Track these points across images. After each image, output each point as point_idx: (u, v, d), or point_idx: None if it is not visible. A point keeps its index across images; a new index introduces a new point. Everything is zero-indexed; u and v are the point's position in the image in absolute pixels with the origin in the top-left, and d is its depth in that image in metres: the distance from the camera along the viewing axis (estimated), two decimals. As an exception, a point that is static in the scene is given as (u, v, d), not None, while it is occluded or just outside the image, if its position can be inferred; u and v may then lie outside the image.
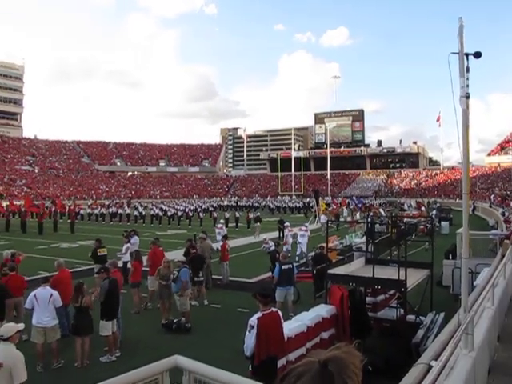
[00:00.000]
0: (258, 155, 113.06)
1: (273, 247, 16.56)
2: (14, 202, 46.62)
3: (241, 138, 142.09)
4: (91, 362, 8.41)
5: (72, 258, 15.31)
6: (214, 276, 14.67)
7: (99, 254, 13.93)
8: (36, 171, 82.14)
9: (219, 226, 23.72)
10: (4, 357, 5.35)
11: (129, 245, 15.30)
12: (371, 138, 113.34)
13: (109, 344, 8.73)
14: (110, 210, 45.16)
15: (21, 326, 6.01)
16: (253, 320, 6.30)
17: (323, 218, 28.29)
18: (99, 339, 8.68)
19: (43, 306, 8.36)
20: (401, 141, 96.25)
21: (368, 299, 9.51)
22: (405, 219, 21.20)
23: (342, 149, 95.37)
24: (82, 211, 44.96)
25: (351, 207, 47.52)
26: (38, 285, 9.08)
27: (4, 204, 45.24)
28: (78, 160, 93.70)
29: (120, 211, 44.16)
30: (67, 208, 42.96)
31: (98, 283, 9.52)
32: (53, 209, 40.29)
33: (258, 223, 29.18)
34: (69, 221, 33.73)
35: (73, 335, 8.60)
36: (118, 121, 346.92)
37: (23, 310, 9.41)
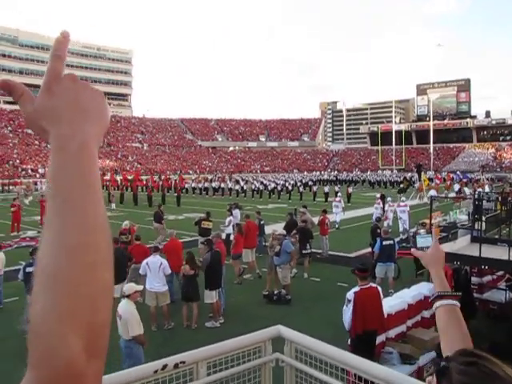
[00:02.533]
0: (358, 129, 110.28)
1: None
2: (127, 177, 50.03)
3: (340, 111, 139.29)
4: (198, 326, 9.00)
5: (178, 230, 16.20)
6: (313, 250, 14.79)
7: (203, 226, 14.46)
8: (145, 148, 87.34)
9: (337, 199, 22.91)
10: (123, 311, 6.22)
11: (231, 218, 15.86)
12: (478, 108, 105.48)
13: (213, 311, 9.26)
14: (213, 184, 46.80)
15: (140, 287, 6.86)
16: (350, 294, 6.35)
17: (433, 192, 27.26)
18: (204, 307, 9.26)
19: (154, 272, 9.09)
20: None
21: (474, 279, 9.08)
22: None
23: (446, 121, 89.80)
24: (186, 185, 47.14)
25: (456, 182, 44.89)
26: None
27: (118, 178, 48.87)
28: (183, 136, 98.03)
29: (222, 185, 45.63)
30: (173, 182, 45.35)
31: (203, 254, 10.10)
32: (160, 183, 42.71)
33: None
34: (175, 194, 35.56)
35: (182, 301, 9.24)
36: (219, 98, 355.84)
37: None
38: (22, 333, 8.47)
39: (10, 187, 52.52)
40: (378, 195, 23.11)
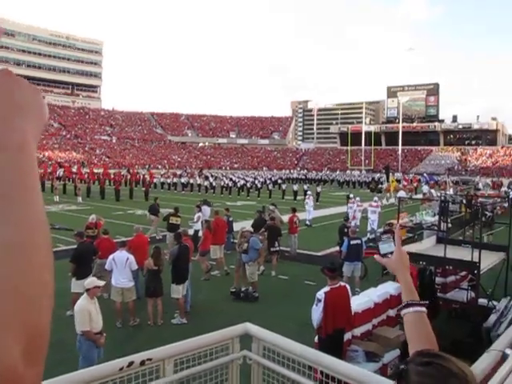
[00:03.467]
0: (328, 128, 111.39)
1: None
2: (94, 170, 49.17)
3: (311, 110, 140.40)
4: (164, 323, 8.91)
5: (146, 225, 16.04)
6: (282, 248, 14.85)
7: (171, 221, 14.48)
8: (114, 141, 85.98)
9: (307, 196, 23.70)
10: (76, 305, 6.28)
11: (200, 214, 15.78)
12: (446, 113, 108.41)
13: (179, 307, 9.18)
14: (182, 179, 46.50)
15: (101, 282, 6.72)
16: (320, 294, 6.38)
17: (402, 194, 27.82)
18: (170, 303, 9.17)
19: (120, 268, 8.96)
20: (478, 117, 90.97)
21: (437, 279, 9.28)
22: (479, 199, 20.24)
23: (414, 124, 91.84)
24: (155, 180, 46.67)
25: (423, 184, 45.94)
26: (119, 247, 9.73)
27: (84, 171, 47.96)
28: (152, 130, 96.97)
29: (191, 181, 45.39)
30: (141, 176, 44.82)
31: (170, 248, 10.03)
32: (128, 177, 42.16)
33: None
34: (143, 189, 35.15)
35: (145, 297, 9.11)
36: (190, 93, 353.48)
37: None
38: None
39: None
40: (352, 195, 23.39)
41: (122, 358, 2.90)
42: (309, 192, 25.45)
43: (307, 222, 21.30)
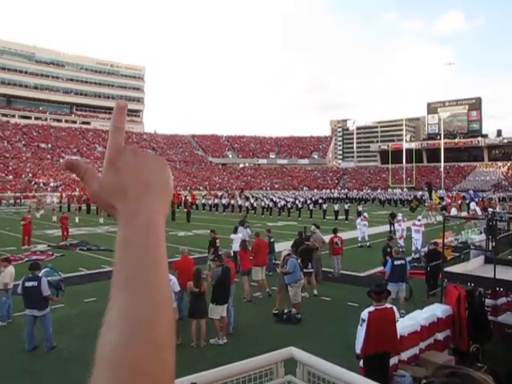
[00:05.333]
0: (369, 147, 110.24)
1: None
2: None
3: (350, 129, 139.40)
4: (207, 345, 8.90)
5: (189, 246, 16.17)
6: (324, 268, 14.67)
7: (217, 244, 14.68)
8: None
9: (363, 217, 22.77)
10: None
11: (233, 235, 15.78)
12: (489, 127, 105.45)
13: (215, 327, 9.14)
14: (223, 200, 46.86)
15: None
16: (364, 314, 6.28)
17: (454, 211, 27.17)
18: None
19: None
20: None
21: (488, 301, 8.91)
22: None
23: (456, 139, 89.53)
24: (197, 201, 47.25)
25: (467, 201, 44.50)
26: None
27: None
28: (193, 153, 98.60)
29: (232, 202, 45.68)
30: (183, 198, 45.50)
31: (211, 269, 10.06)
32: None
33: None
34: (185, 210, 35.63)
35: (189, 318, 9.11)
36: (230, 115, 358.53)
37: None
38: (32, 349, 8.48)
39: (22, 200, 53.03)
40: (400, 215, 22.75)
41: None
42: (365, 213, 24.37)
43: (367, 243, 21.12)
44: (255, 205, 42.42)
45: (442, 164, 77.80)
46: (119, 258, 0.58)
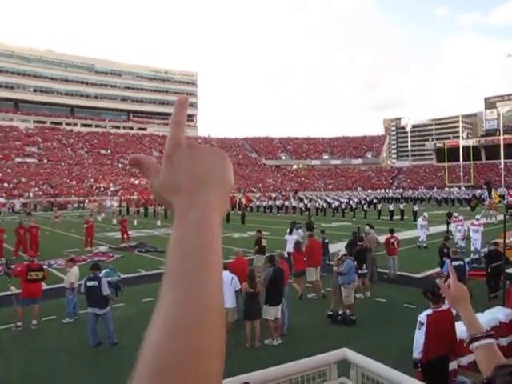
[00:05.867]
0: (423, 145, 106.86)
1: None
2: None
3: (404, 128, 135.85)
4: (261, 345, 8.97)
5: (243, 247, 16.35)
6: (380, 269, 14.42)
7: (263, 243, 14.74)
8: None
9: (424, 217, 21.71)
10: None
11: (294, 236, 15.78)
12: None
13: (270, 329, 9.19)
14: (277, 202, 46.93)
15: None
16: (422, 317, 6.11)
17: None
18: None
19: (227, 288, 9.12)
20: None
21: (555, 305, 8.46)
22: None
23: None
24: (251, 203, 47.59)
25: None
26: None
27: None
28: (247, 155, 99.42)
29: (286, 203, 45.65)
30: (237, 200, 45.97)
31: (264, 270, 10.14)
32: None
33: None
34: (239, 212, 35.97)
35: (244, 319, 9.22)
36: (282, 117, 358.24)
37: None
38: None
39: (85, 204, 55.46)
40: (456, 215, 21.95)
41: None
42: (425, 213, 23.15)
43: (423, 244, 20.54)
44: (309, 206, 42.21)
45: (502, 161, 74.09)
46: (171, 255, 0.56)
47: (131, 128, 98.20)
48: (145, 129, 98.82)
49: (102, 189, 66.63)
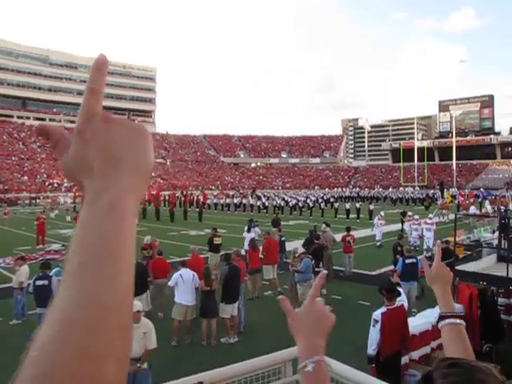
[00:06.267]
0: (380, 145, 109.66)
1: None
2: (151, 192, 50.57)
3: (361, 128, 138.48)
4: (217, 343, 8.93)
5: (200, 245, 16.24)
6: (336, 267, 14.63)
7: (215, 242, 14.73)
8: (168, 163, 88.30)
9: (380, 216, 22.02)
10: None
11: (252, 234, 15.81)
12: (501, 125, 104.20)
13: (226, 327, 9.18)
14: (235, 200, 46.95)
15: (138, 306, 6.19)
16: (377, 315, 6.22)
17: (473, 209, 26.95)
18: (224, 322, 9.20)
19: (187, 285, 9.06)
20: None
21: (500, 300, 8.81)
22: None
23: (468, 137, 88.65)
24: (208, 201, 47.39)
25: (479, 199, 44.02)
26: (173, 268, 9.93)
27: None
28: (205, 152, 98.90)
29: (244, 201, 45.73)
30: (195, 198, 45.67)
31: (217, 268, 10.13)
32: (182, 198, 43.12)
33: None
34: (197, 210, 35.75)
35: (200, 317, 9.15)
36: (241, 115, 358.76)
37: (167, 290, 10.21)
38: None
39: (37, 201, 53.66)
40: (411, 214, 22.57)
41: (175, 381, 2.93)
42: (381, 212, 23.67)
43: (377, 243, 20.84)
44: (267, 204, 42.42)
45: (454, 162, 77.08)
46: (75, 242, 0.48)
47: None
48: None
49: (56, 185, 64.71)
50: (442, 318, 1.59)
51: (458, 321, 1.56)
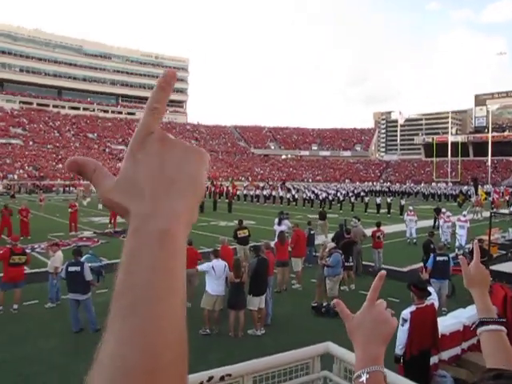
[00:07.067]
0: (412, 140, 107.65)
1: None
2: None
3: (394, 121, 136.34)
4: (245, 335, 8.97)
5: (229, 236, 16.35)
6: (365, 262, 14.48)
7: (239, 235, 14.59)
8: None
9: (411, 212, 21.26)
10: None
11: (283, 227, 15.73)
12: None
13: (253, 318, 9.19)
14: (265, 191, 46.90)
15: None
16: (405, 314, 6.10)
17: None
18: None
19: (219, 275, 9.10)
20: None
21: (537, 302, 8.55)
22: None
23: (505, 133, 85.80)
24: (238, 192, 47.53)
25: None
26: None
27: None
28: (236, 143, 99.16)
29: (274, 193, 45.65)
30: (224, 188, 45.86)
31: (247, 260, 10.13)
32: (212, 189, 43.40)
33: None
34: (226, 201, 35.89)
35: (228, 308, 9.18)
36: (273, 106, 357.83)
37: (196, 280, 10.33)
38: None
39: (71, 188, 54.93)
40: (444, 211, 22.03)
41: (202, 372, 2.95)
42: (410, 207, 22.98)
43: (414, 240, 20.13)
44: (296, 196, 42.23)
45: (490, 158, 75.03)
46: (122, 277, 0.44)
47: (120, 112, 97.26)
48: (133, 113, 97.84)
49: (89, 173, 65.91)
50: (481, 323, 1.52)
51: (499, 327, 1.49)
